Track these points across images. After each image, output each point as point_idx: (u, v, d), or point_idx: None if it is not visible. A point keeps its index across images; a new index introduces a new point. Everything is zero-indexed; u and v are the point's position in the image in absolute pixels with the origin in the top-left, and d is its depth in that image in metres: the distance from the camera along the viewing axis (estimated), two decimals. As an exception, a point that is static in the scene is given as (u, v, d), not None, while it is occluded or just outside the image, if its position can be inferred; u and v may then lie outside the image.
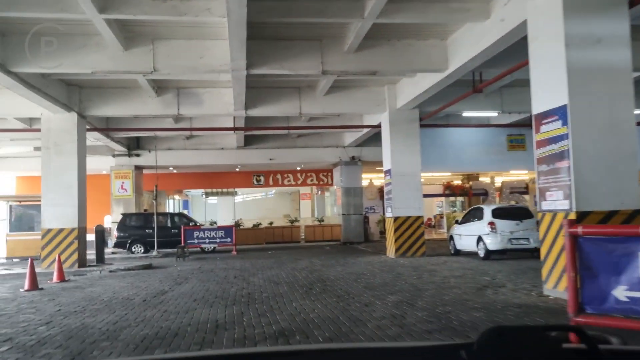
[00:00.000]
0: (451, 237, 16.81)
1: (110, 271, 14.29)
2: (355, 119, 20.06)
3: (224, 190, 29.47)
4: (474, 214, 15.65)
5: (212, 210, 36.25)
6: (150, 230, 20.15)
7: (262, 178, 27.61)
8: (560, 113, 7.71)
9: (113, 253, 21.48)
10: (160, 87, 15.42)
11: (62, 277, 12.37)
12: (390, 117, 16.28)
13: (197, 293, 9.50)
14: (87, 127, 16.11)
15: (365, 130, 20.37)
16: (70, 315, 7.66)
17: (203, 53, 11.55)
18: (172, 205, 38.86)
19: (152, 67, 11.38)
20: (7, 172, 24.73)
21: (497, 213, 14.38)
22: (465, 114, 17.58)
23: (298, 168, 27.01)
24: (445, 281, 10.23)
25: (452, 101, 15.03)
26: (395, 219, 16.05)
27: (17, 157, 22.95)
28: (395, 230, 16.02)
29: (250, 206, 47.79)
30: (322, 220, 25.44)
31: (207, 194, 29.10)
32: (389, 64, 12.28)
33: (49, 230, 14.56)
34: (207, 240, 20.03)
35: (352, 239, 24.09)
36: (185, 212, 39.82)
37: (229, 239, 20.19)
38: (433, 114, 16.49)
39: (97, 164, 23.31)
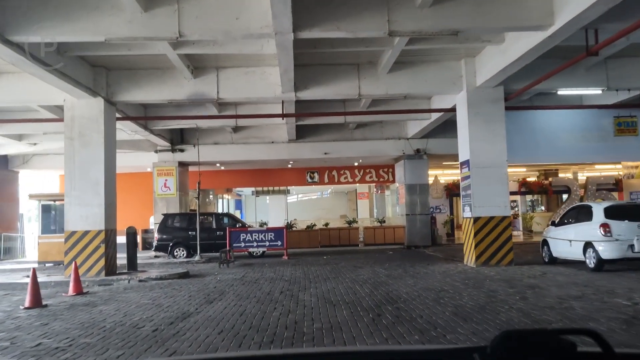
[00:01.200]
0: (544, 242, 13.81)
1: (140, 280, 12.29)
2: (423, 103, 17.34)
3: (276, 188, 27.34)
4: (576, 214, 12.62)
5: (264, 210, 34.32)
6: (194, 232, 18.21)
7: (316, 175, 25.27)
8: None
9: (156, 257, 19.75)
10: (196, 67, 13.32)
11: (78, 289, 10.41)
12: (468, 97, 13.50)
13: (228, 318, 7.17)
14: (118, 115, 14.25)
15: (434, 117, 17.62)
16: (45, 355, 5.48)
17: (239, 13, 9.24)
18: (224, 205, 37.30)
19: (177, 31, 9.18)
20: (48, 170, 23.58)
21: (612, 213, 11.31)
22: (562, 91, 14.50)
23: (356, 163, 24.48)
24: (566, 305, 7.42)
25: (548, 74, 12.07)
26: (476, 219, 13.25)
27: (58, 154, 21.62)
28: (476, 234, 13.22)
29: (305, 206, 45.82)
30: (384, 222, 22.79)
31: (258, 193, 27.07)
32: (474, 20, 9.53)
33: (73, 233, 12.72)
34: (255, 244, 17.85)
35: (417, 242, 21.32)
36: (237, 212, 38.22)
37: (279, 243, 17.93)
38: (521, 92, 13.56)
39: (141, 161, 21.70)
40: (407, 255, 18.16)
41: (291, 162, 23.25)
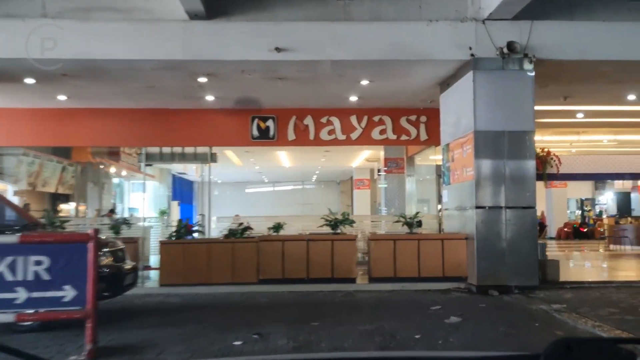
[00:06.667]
0: None
1: None
2: None
3: (189, 151, 13.78)
4: None
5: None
6: None
7: (270, 125, 12.23)
8: None
9: None
10: None
11: None
12: None
13: None
14: None
15: None
16: None
17: None
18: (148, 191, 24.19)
19: None
20: None
21: None
22: None
23: (353, 98, 11.43)
24: None
25: None
26: None
27: None
28: None
29: (280, 200, 33.08)
30: (419, 224, 9.44)
31: (149, 159, 13.72)
32: None
33: None
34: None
35: (503, 278, 8.32)
36: (175, 205, 25.27)
37: (66, 294, 4.88)
38: None
39: None
40: (520, 340, 5.19)
41: (204, 81, 10.06)
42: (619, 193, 27.83)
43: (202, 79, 9.79)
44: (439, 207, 12.41)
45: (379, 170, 19.64)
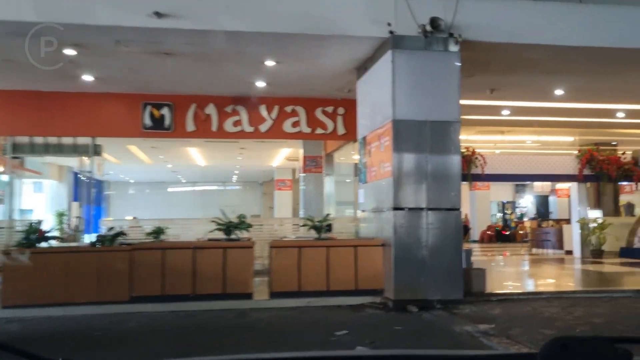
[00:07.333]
0: None
1: None
2: None
3: (67, 142, 11.62)
4: None
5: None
6: None
7: (166, 113, 10.52)
8: None
9: None
10: None
11: None
12: None
13: None
14: None
15: None
16: None
17: None
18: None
19: None
20: None
21: None
22: None
23: (260, 83, 9.93)
24: None
25: None
26: None
27: None
28: None
29: (203, 201, 31.03)
30: (328, 228, 8.06)
31: (15, 150, 11.33)
32: None
33: None
34: None
35: (424, 291, 7.13)
36: (77, 204, 22.68)
37: None
38: None
39: None
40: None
41: (73, 54, 8.22)
42: (538, 196, 28.07)
43: (70, 51, 7.96)
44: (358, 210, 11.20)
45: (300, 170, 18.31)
